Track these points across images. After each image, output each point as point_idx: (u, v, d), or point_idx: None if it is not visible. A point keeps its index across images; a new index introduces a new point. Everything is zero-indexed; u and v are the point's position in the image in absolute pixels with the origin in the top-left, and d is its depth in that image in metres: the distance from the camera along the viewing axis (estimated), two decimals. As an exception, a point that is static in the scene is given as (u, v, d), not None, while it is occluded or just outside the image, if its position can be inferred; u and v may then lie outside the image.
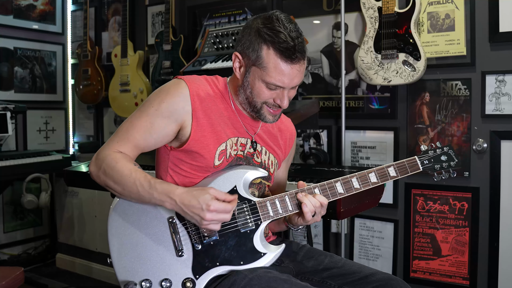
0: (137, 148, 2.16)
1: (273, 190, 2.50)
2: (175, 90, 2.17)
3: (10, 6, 5.60)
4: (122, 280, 2.08)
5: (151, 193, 2.01)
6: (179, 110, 2.14)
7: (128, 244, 2.11)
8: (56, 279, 5.15)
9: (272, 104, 2.19)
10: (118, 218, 2.15)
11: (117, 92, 5.22)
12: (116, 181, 2.06)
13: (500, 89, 3.53)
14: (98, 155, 2.13)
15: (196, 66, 4.07)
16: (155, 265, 2.08)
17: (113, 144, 2.14)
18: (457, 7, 3.65)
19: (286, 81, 2.11)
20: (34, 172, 5.07)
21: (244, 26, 2.21)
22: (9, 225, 5.58)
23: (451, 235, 3.76)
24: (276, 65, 2.08)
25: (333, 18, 4.21)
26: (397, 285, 2.15)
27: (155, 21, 5.38)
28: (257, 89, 2.15)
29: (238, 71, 2.21)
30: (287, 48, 2.05)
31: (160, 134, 2.16)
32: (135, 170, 2.06)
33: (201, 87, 2.21)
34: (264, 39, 2.08)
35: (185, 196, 1.98)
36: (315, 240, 4.30)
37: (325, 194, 2.19)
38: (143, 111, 2.16)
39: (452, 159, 2.29)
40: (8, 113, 4.96)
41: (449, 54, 3.69)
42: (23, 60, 5.74)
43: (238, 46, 2.20)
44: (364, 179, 2.22)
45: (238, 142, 2.27)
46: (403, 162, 2.24)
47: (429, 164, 2.27)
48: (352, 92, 4.14)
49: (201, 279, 2.07)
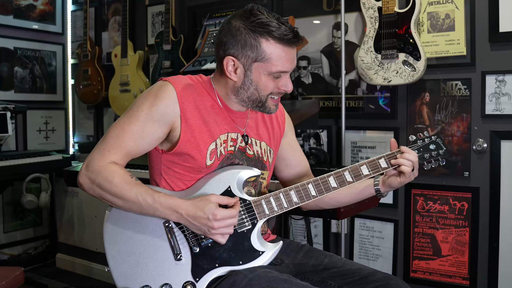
0: (129, 155, 2.16)
1: (301, 177, 2.52)
2: (163, 92, 2.16)
3: (10, 6, 5.60)
4: (122, 287, 2.09)
5: (155, 207, 2.04)
6: (168, 112, 2.14)
7: (125, 251, 2.12)
8: (56, 279, 5.15)
9: (277, 92, 2.21)
10: (113, 227, 2.15)
11: (117, 92, 5.23)
12: (115, 195, 2.06)
13: (500, 89, 3.54)
14: (89, 167, 2.11)
15: (196, 66, 4.07)
16: (154, 270, 2.09)
17: (104, 153, 2.12)
18: (457, 7, 3.66)
19: (290, 65, 2.16)
20: (34, 172, 5.07)
21: (222, 30, 2.20)
22: (9, 225, 5.58)
23: (451, 235, 3.76)
24: (279, 53, 2.11)
25: (333, 18, 4.21)
26: (396, 285, 2.15)
27: (155, 21, 5.39)
28: (263, 83, 2.16)
29: (233, 74, 2.19)
30: (285, 35, 2.09)
31: (152, 138, 2.16)
32: (135, 184, 2.07)
33: (187, 88, 2.21)
34: (260, 33, 2.10)
35: (190, 209, 2.01)
36: (315, 240, 4.31)
37: (319, 188, 2.21)
38: (132, 116, 2.14)
39: (441, 147, 2.32)
40: (8, 113, 4.96)
41: (449, 54, 3.70)
42: (23, 60, 5.75)
43: (228, 50, 2.17)
44: (356, 172, 2.23)
45: (229, 138, 2.27)
46: (393, 152, 2.26)
47: (418, 154, 2.29)
48: (352, 92, 4.14)
49: (201, 281, 2.08)
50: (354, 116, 4.13)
